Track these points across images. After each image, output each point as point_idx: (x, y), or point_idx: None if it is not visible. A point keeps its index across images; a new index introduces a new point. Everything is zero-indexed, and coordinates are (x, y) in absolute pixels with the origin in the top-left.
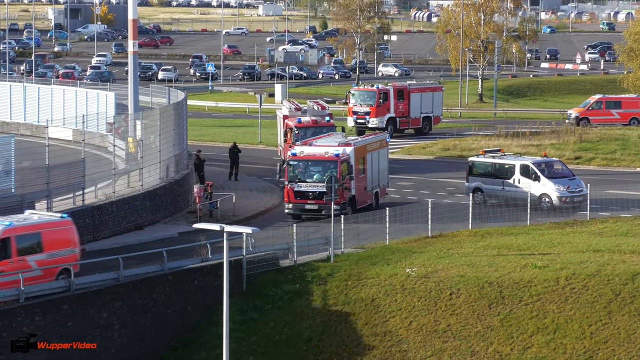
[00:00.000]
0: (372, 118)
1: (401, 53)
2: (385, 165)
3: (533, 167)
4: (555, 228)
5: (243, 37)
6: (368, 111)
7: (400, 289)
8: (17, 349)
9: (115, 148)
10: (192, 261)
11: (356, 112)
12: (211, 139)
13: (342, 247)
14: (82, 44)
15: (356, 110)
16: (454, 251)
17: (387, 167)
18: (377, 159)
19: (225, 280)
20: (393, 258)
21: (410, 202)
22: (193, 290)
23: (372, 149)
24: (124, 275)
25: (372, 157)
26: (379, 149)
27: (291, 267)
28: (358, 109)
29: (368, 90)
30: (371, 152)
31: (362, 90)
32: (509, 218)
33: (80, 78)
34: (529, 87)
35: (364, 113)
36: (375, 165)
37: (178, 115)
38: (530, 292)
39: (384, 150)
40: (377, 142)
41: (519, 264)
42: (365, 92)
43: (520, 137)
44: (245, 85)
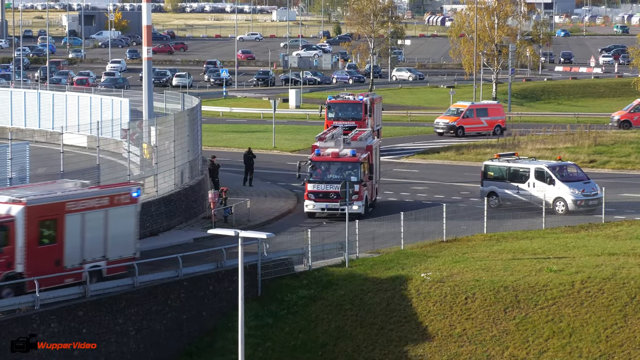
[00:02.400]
0: None
1: (415, 57)
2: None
3: (548, 171)
4: (570, 232)
5: (257, 43)
6: (353, 125)
7: (415, 294)
8: (17, 349)
9: (130, 154)
10: (207, 267)
11: None
12: (225, 145)
13: (357, 252)
14: (96, 50)
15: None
16: (469, 255)
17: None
18: None
19: (240, 285)
20: (408, 262)
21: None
22: (208, 296)
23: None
24: (140, 281)
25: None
26: None
27: (306, 272)
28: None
29: (350, 102)
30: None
31: (343, 103)
32: (524, 222)
33: (94, 84)
34: (543, 91)
35: (349, 128)
36: None
37: (192, 121)
38: (545, 296)
39: None
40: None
41: (534, 268)
42: (346, 105)
43: (534, 141)
44: (259, 91)
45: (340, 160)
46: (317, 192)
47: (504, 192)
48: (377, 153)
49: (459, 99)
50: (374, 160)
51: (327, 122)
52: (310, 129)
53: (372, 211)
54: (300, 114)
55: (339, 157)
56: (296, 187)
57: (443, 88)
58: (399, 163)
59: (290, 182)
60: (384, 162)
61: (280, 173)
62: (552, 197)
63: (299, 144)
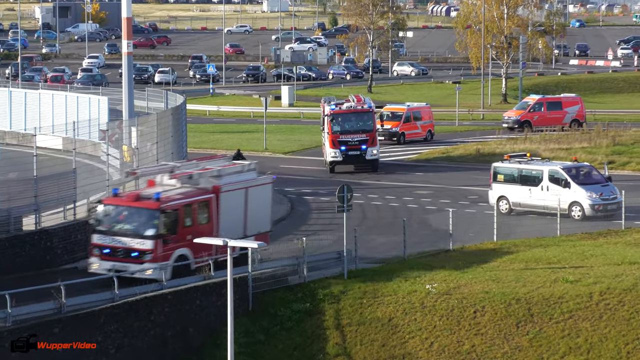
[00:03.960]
0: (371, 147)
1: (418, 51)
2: None
3: (563, 173)
4: (587, 239)
5: (246, 36)
6: (365, 139)
7: (419, 307)
8: (17, 349)
9: (109, 157)
10: (193, 279)
11: (346, 142)
12: (213, 146)
13: (357, 262)
14: (72, 44)
15: (346, 139)
16: (477, 265)
17: None
18: None
19: (229, 299)
20: (412, 273)
21: (429, 212)
22: (195, 311)
23: None
24: (120, 295)
25: None
26: None
27: (301, 284)
28: (349, 138)
29: (358, 111)
30: None
31: (349, 112)
32: (537, 228)
33: (70, 82)
34: (557, 86)
35: (359, 142)
36: None
37: (177, 120)
38: (561, 308)
39: None
40: None
41: (549, 279)
42: (354, 115)
43: (548, 141)
44: (249, 88)
45: (134, 205)
46: (103, 246)
47: (515, 196)
48: (250, 198)
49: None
50: (219, 209)
51: (330, 137)
52: (304, 128)
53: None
54: (294, 113)
55: (135, 202)
56: (290, 192)
57: (448, 84)
58: (400, 166)
59: (283, 187)
60: (385, 164)
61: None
62: (567, 202)
63: (293, 145)
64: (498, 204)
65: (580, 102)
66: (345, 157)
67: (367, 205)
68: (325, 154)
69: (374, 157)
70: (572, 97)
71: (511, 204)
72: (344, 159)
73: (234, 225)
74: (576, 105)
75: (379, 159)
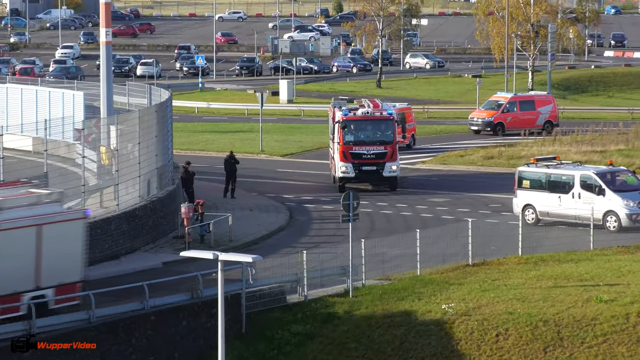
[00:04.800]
0: (389, 162)
1: (433, 40)
2: None
3: (596, 179)
4: (624, 253)
5: (240, 23)
6: (383, 152)
7: (435, 330)
8: (17, 349)
9: (85, 160)
10: (179, 297)
11: (360, 155)
12: (202, 148)
13: (364, 279)
14: (44, 33)
15: (360, 152)
16: (500, 282)
17: None
18: None
19: (220, 320)
20: (426, 291)
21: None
22: (181, 333)
23: None
24: (97, 315)
25: None
26: None
27: (301, 303)
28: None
29: (376, 118)
30: None
31: (368, 119)
32: (568, 241)
33: (41, 75)
34: (590, 81)
35: (375, 155)
36: None
37: (162, 119)
38: (594, 331)
39: None
40: None
41: (581, 298)
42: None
43: (580, 142)
44: (243, 82)
45: None
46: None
47: (543, 205)
48: (46, 238)
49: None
50: None
51: (342, 148)
52: (305, 128)
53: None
54: (293, 110)
55: None
56: (289, 199)
57: (468, 78)
58: (413, 169)
59: (281, 194)
60: None
61: (269, 182)
62: (601, 211)
63: (292, 147)
64: (523, 213)
65: (552, 101)
66: (359, 172)
67: (376, 214)
68: (334, 168)
69: (393, 174)
70: (544, 95)
71: (538, 214)
72: (357, 174)
73: (16, 273)
74: (549, 105)
75: (398, 175)
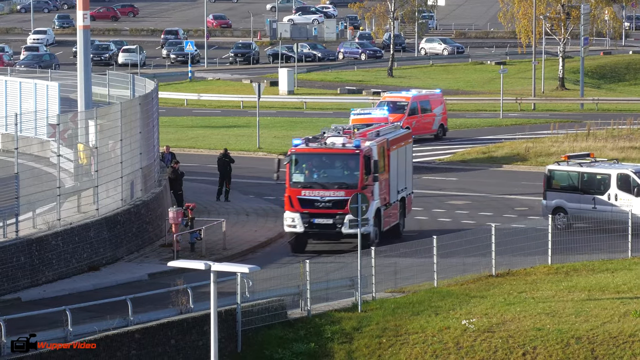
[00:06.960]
0: None
1: (452, 23)
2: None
3: (635, 178)
4: None
5: (234, 5)
6: (342, 199)
7: (454, 349)
8: (17, 349)
9: (61, 159)
10: (167, 313)
11: (312, 203)
12: (192, 145)
13: (374, 291)
14: (14, 16)
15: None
16: (527, 295)
17: None
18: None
19: (213, 338)
20: (444, 305)
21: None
22: (169, 353)
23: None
24: (75, 333)
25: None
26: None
27: (303, 319)
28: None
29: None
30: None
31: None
32: (603, 248)
33: (11, 63)
34: (628, 68)
35: (332, 204)
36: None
37: (146, 112)
38: (632, 349)
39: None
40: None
41: (618, 312)
42: None
43: (617, 137)
44: (238, 71)
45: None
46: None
47: (575, 207)
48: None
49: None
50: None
51: (287, 191)
52: (307, 122)
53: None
54: (294, 103)
55: None
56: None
57: (490, 65)
58: (430, 169)
59: (280, 197)
60: None
61: (268, 183)
62: None
63: None
64: (554, 217)
65: (443, 101)
66: (309, 227)
67: None
68: None
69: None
70: (437, 94)
71: (570, 217)
72: (307, 229)
73: None
74: (441, 105)
75: (371, 233)
